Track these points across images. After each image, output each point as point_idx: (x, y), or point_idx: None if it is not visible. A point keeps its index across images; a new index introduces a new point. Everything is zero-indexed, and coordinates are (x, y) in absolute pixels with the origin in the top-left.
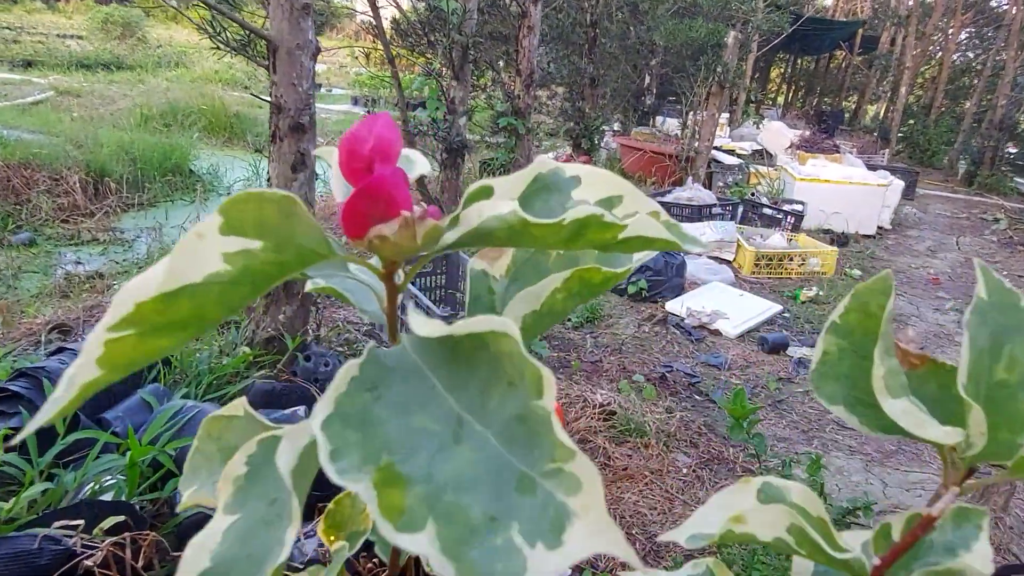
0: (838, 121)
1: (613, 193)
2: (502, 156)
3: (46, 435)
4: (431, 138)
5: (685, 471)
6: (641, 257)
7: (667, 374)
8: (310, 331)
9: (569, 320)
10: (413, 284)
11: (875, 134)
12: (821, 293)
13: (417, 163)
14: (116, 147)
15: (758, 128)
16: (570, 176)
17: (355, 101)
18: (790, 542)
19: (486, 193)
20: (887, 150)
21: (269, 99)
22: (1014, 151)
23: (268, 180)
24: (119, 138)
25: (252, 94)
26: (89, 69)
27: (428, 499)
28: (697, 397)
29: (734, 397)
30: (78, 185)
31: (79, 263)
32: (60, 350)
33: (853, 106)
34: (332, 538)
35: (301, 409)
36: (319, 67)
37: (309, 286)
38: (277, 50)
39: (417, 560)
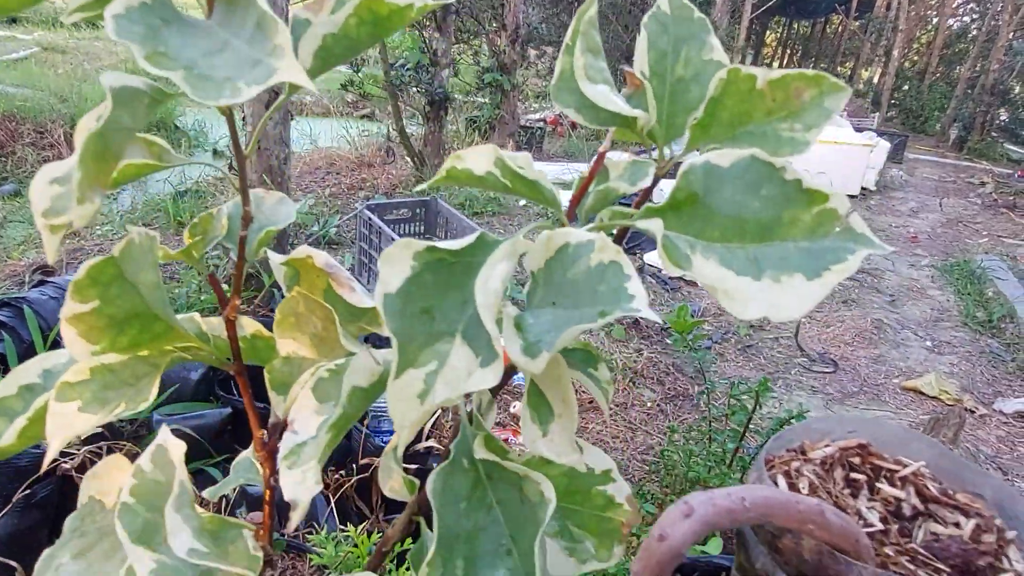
0: None
1: None
2: (487, 112)
3: (27, 358)
4: (415, 91)
5: (649, 405)
6: (422, 7)
7: (640, 319)
8: None
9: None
10: (396, 231)
11: (868, 98)
12: None
13: None
14: (100, 101)
15: None
16: None
17: None
18: (497, 174)
19: None
20: (878, 114)
21: None
22: (1005, 117)
23: (243, 119)
24: (103, 93)
25: None
26: (74, 25)
27: (188, 73)
28: (668, 341)
29: (677, 311)
30: (63, 138)
31: None
32: (42, 283)
33: (848, 72)
34: (191, 239)
35: None
36: None
37: None
38: None
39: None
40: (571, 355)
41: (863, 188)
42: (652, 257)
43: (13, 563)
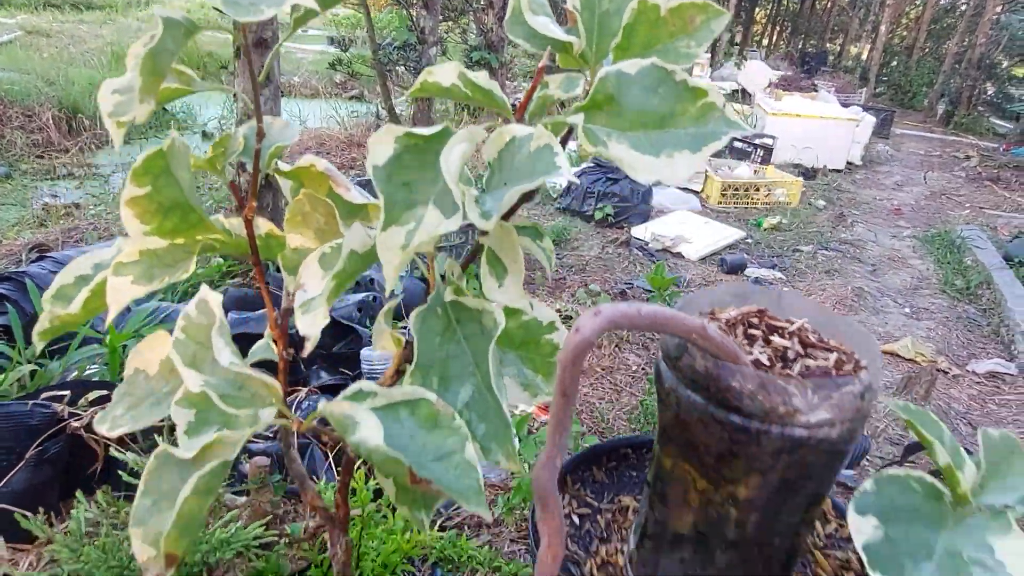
0: (821, 62)
1: None
2: None
3: (31, 330)
4: (402, 70)
5: (635, 368)
6: None
7: (627, 290)
8: None
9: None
10: None
11: (855, 74)
12: (784, 221)
13: None
14: (87, 84)
15: (739, 69)
16: None
17: (331, 41)
18: (460, 85)
19: None
20: (865, 89)
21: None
22: (992, 91)
23: (234, 96)
24: (90, 76)
25: (215, 8)
26: (58, 8)
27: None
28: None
29: (655, 269)
30: (51, 121)
31: (56, 196)
32: (41, 258)
33: (838, 48)
34: (214, 153)
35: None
36: None
37: None
38: None
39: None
40: (523, 231)
41: (849, 162)
42: (638, 231)
43: (28, 513)
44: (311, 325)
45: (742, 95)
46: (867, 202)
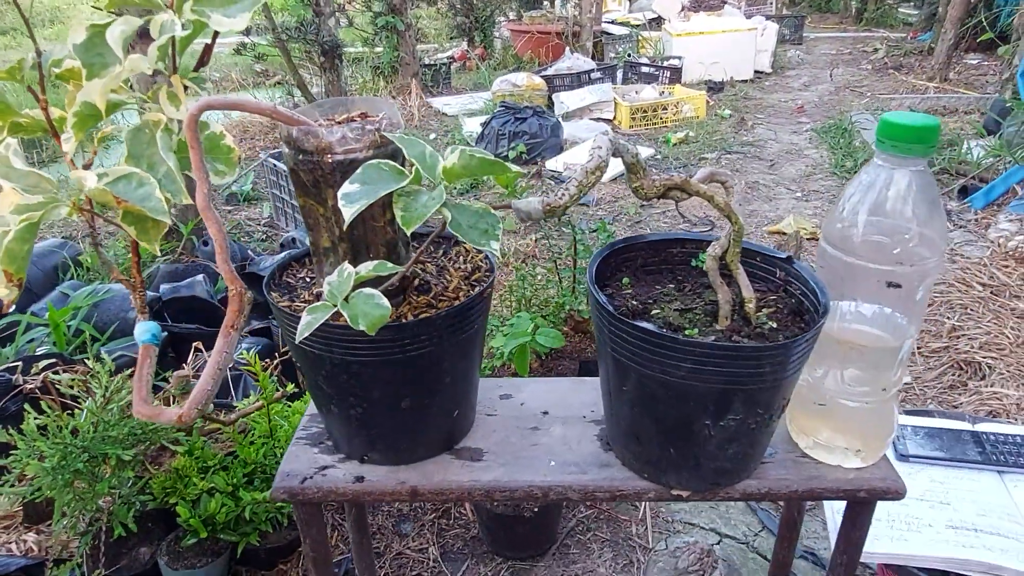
0: None
1: None
2: (387, 55)
3: None
4: (304, 43)
5: (539, 278)
6: None
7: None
8: None
9: (455, 188)
10: None
11: None
12: (692, 134)
13: None
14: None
15: None
16: None
17: (246, 32)
18: None
19: None
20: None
21: None
22: None
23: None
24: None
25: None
26: None
27: None
28: (565, 230)
29: (599, 226)
30: None
31: None
32: None
33: None
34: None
35: (200, 277)
36: None
37: None
38: None
39: None
40: (190, 77)
41: (757, 71)
42: (552, 163)
43: None
44: (69, 147)
45: (659, 23)
46: (773, 105)
